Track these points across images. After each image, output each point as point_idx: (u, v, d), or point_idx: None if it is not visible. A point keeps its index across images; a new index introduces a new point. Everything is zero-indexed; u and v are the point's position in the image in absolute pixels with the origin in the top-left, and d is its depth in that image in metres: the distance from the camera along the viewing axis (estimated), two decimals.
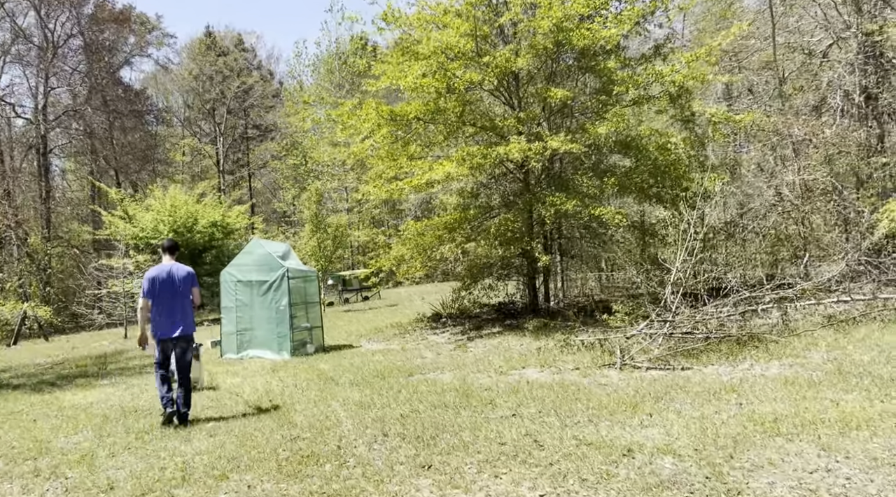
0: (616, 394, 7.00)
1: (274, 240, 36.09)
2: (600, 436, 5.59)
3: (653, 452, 5.00)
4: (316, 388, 9.20)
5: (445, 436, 6.20)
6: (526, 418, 6.43)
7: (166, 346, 7.80)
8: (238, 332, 13.41)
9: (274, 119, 52.85)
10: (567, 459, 5.10)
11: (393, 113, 13.32)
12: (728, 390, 6.62)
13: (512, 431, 6.04)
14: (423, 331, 14.65)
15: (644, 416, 6.04)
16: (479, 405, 7.20)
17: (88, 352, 17.49)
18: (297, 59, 56.51)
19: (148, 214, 24.60)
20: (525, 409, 6.81)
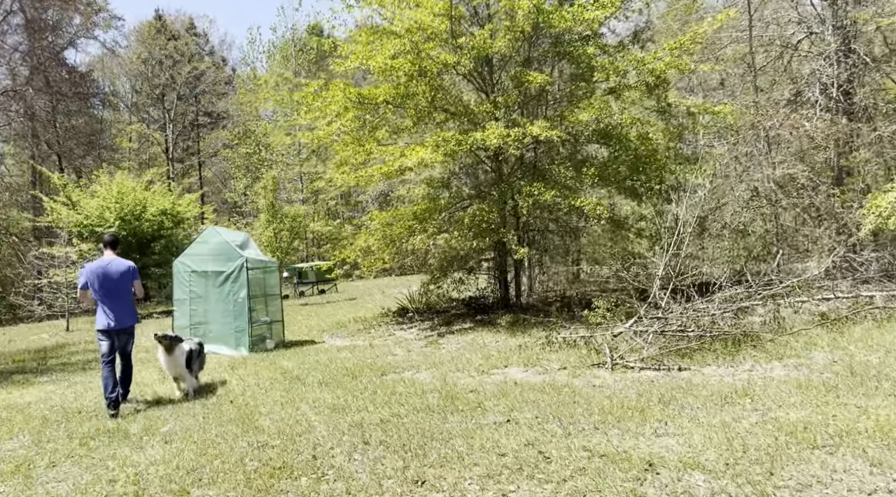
0: (616, 397, 6.48)
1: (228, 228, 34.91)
2: (612, 446, 5.05)
3: (679, 467, 4.48)
4: (281, 389, 8.47)
5: (435, 444, 5.59)
6: (523, 425, 5.86)
7: (111, 336, 8.01)
8: (192, 325, 12.51)
9: (226, 106, 51.23)
10: (582, 475, 4.53)
11: (361, 96, 12.60)
12: (740, 394, 6.17)
13: (510, 440, 5.46)
14: (389, 326, 13.98)
15: (656, 423, 5.53)
16: (466, 409, 6.60)
17: (26, 345, 16.27)
18: (250, 45, 54.95)
19: (93, 201, 23.22)
20: (519, 414, 6.24)
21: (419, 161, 10.77)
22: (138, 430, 7.09)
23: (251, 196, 41.98)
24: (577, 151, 12.88)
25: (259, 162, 44.88)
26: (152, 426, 7.21)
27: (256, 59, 48.26)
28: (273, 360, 10.89)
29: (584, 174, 11.52)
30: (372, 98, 12.72)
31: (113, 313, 7.95)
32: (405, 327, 13.58)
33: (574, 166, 12.24)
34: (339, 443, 5.97)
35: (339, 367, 9.63)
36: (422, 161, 10.77)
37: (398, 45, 11.49)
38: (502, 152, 12.45)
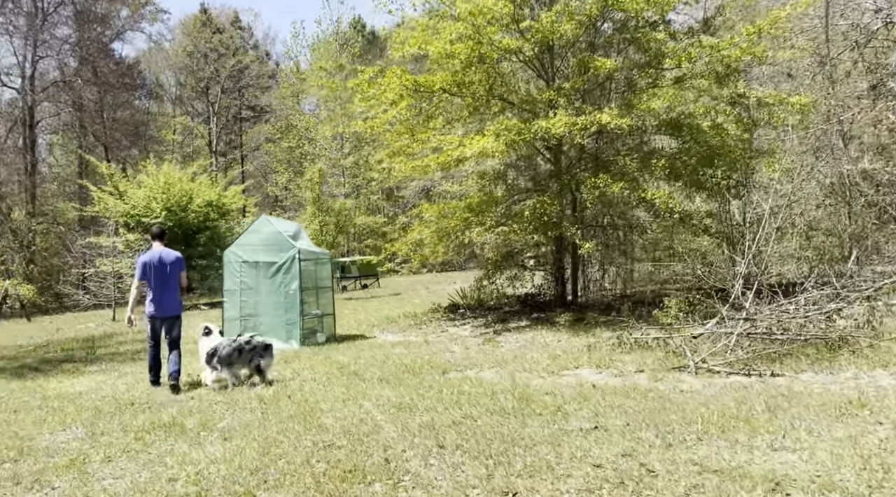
0: (713, 404, 5.93)
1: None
2: (724, 461, 4.51)
3: (812, 489, 3.93)
4: (340, 384, 8.08)
5: (517, 451, 5.11)
6: (614, 432, 5.35)
7: (157, 323, 8.74)
8: (242, 317, 12.22)
9: (269, 100, 51.42)
10: (699, 493, 4.01)
11: (417, 83, 12.15)
12: (855, 405, 5.57)
13: (603, 449, 4.95)
14: (441, 322, 13.54)
15: (768, 435, 4.97)
16: (545, 413, 6.11)
17: (74, 334, 16.25)
18: (294, 39, 54.88)
19: (140, 191, 23.25)
20: (606, 420, 5.73)
21: (480, 150, 10.29)
22: (194, 425, 6.75)
23: (293, 190, 41.95)
24: (644, 142, 12.26)
25: (301, 156, 44.88)
26: (209, 421, 6.87)
27: (300, 52, 48.03)
28: (327, 354, 10.53)
29: (654, 166, 10.92)
30: (428, 86, 12.26)
31: (161, 301, 8.69)
32: (458, 324, 13.12)
33: (641, 158, 11.63)
34: (411, 445, 5.53)
35: (396, 364, 9.22)
36: (483, 150, 10.29)
37: (459, 28, 11.01)
38: (564, 142, 11.91)
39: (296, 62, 48.50)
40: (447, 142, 11.12)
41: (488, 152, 10.37)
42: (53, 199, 34.41)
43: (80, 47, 33.99)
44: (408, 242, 13.23)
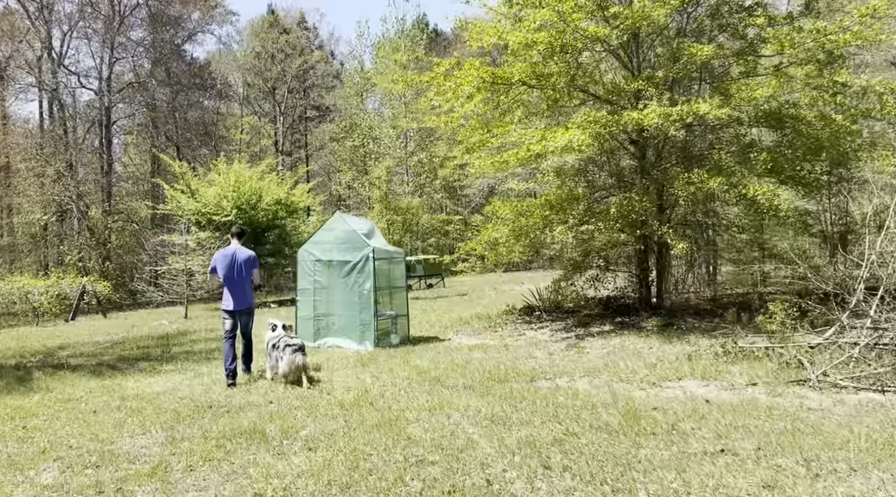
0: (856, 427, 5.24)
1: None
2: None
3: None
4: (423, 391, 7.65)
5: (636, 476, 4.55)
6: (745, 458, 4.73)
7: (233, 317, 9.12)
8: (315, 317, 11.98)
9: (333, 100, 51.79)
10: None
11: (495, 75, 11.65)
12: None
13: (738, 479, 4.35)
14: (517, 325, 13.01)
15: None
16: (658, 432, 5.52)
17: (149, 331, 16.38)
18: (359, 39, 55.14)
19: (211, 189, 23.47)
20: (733, 442, 5.11)
21: (566, 144, 9.70)
22: (276, 432, 6.42)
23: (357, 188, 42.08)
24: (741, 134, 11.41)
25: (365, 155, 44.98)
26: (290, 428, 6.54)
27: (364, 52, 48.26)
28: (403, 357, 10.13)
29: (754, 160, 10.11)
30: (506, 78, 11.75)
31: (235, 296, 9.12)
32: (535, 327, 12.57)
33: (739, 151, 10.82)
34: (512, 464, 5.05)
35: (478, 370, 8.74)
36: (568, 144, 9.70)
37: (544, 15, 10.44)
38: (651, 135, 11.20)
39: (360, 61, 48.70)
40: (528, 136, 10.58)
41: (573, 146, 9.77)
42: (128, 198, 35.35)
43: (153, 49, 34.82)
44: (482, 241, 12.74)
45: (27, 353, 13.54)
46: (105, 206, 33.48)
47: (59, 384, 9.89)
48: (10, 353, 13.88)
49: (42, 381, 10.19)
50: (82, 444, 6.49)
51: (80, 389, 9.40)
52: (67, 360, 12.42)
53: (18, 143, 32.58)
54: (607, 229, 10.58)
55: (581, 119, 9.96)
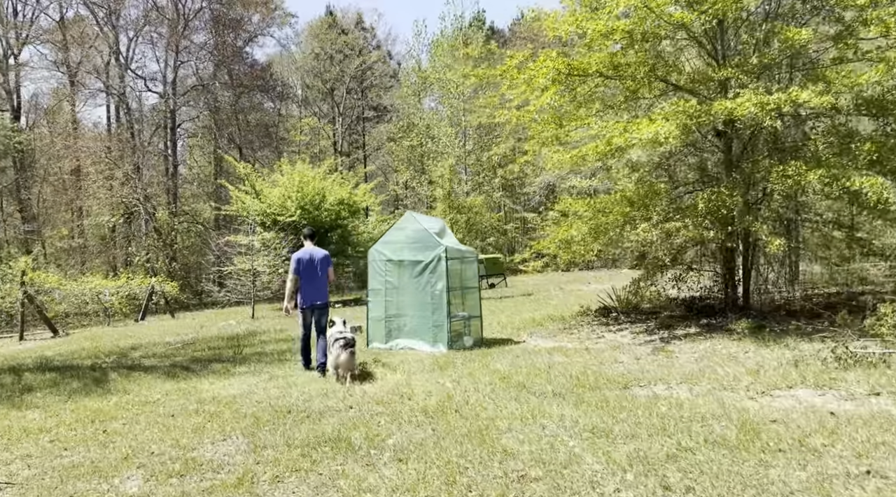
0: None
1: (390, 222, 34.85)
2: None
3: None
4: (509, 398, 7.25)
5: None
6: None
7: (309, 312, 9.86)
8: (387, 318, 11.72)
9: (391, 100, 51.86)
10: None
11: (571, 66, 11.16)
12: None
13: None
14: (594, 327, 12.49)
15: None
16: (785, 448, 5.00)
17: (218, 331, 16.44)
18: (416, 38, 55.02)
19: (275, 190, 23.58)
20: (878, 462, 4.56)
21: (652, 136, 9.16)
22: (361, 440, 6.14)
23: (415, 188, 41.97)
24: (838, 124, 10.63)
25: (422, 155, 44.84)
26: (376, 436, 6.24)
27: (421, 51, 48.13)
28: (481, 360, 9.76)
29: (857, 151, 9.38)
30: (583, 69, 11.26)
31: (311, 293, 9.81)
32: (613, 329, 12.03)
33: (837, 142, 10.07)
34: (625, 483, 4.62)
35: (563, 375, 8.30)
36: (655, 136, 9.16)
37: (628, 1, 9.90)
38: (746, 126, 10.52)
39: (417, 61, 48.59)
40: (608, 129, 10.05)
41: (660, 138, 9.22)
42: (193, 200, 36.04)
43: (216, 52, 35.39)
44: (556, 240, 12.26)
45: (101, 354, 13.69)
46: (171, 207, 34.18)
47: (135, 386, 9.87)
48: (84, 353, 14.07)
49: (118, 383, 10.20)
50: (164, 450, 6.34)
51: (156, 391, 9.34)
52: (141, 360, 12.49)
53: (88, 147, 33.54)
54: (696, 226, 9.97)
55: (670, 109, 9.39)
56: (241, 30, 38.65)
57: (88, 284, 22.64)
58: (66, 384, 10.40)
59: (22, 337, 18.57)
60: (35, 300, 19.14)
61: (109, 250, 34.34)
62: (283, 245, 21.19)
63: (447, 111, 38.81)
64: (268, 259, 21.38)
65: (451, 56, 38.57)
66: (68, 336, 19.01)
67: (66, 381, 10.67)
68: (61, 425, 7.54)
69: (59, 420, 7.83)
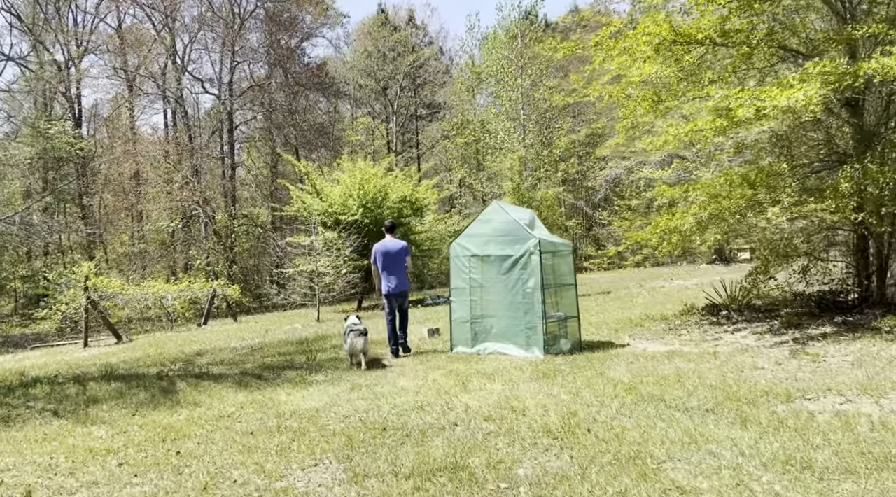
0: None
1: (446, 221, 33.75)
2: None
3: None
4: (650, 415, 6.04)
5: None
6: None
7: (391, 299, 10.64)
8: (472, 319, 10.60)
9: (444, 97, 50.87)
10: None
11: (677, 33, 9.85)
12: None
13: None
14: (704, 327, 11.13)
15: None
16: None
17: (284, 336, 15.58)
18: (469, 33, 53.85)
19: (336, 189, 22.72)
20: None
21: (792, 102, 7.81)
22: (483, 469, 5.04)
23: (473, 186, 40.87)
24: None
25: (477, 151, 43.68)
26: (499, 463, 5.14)
27: (475, 46, 46.90)
28: (591, 367, 8.55)
29: None
30: (689, 36, 9.94)
31: (392, 281, 10.66)
32: (728, 329, 10.66)
33: None
34: None
35: (700, 385, 7.04)
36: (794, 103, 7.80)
37: None
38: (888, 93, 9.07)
39: (471, 56, 47.47)
40: (734, 96, 8.70)
41: (798, 105, 7.87)
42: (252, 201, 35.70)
43: (272, 51, 34.94)
44: (657, 229, 10.95)
45: (167, 361, 12.96)
46: (231, 209, 33.83)
47: (206, 397, 8.98)
48: (149, 360, 13.37)
49: (187, 394, 9.35)
50: (248, 478, 5.35)
51: (230, 404, 8.43)
52: (209, 368, 11.66)
53: (147, 151, 33.48)
54: (842, 208, 8.55)
55: (816, 69, 7.99)
56: (295, 30, 38.17)
57: (151, 289, 22.18)
58: (132, 395, 9.61)
59: (86, 343, 18.12)
60: (98, 306, 18.67)
61: (170, 254, 34.22)
62: (347, 245, 20.28)
63: (505, 104, 37.54)
64: (330, 259, 20.52)
65: (509, 48, 37.32)
66: (132, 342, 18.49)
67: (132, 392, 9.90)
68: (130, 445, 6.64)
69: (127, 438, 6.95)
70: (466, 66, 47.12)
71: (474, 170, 44.25)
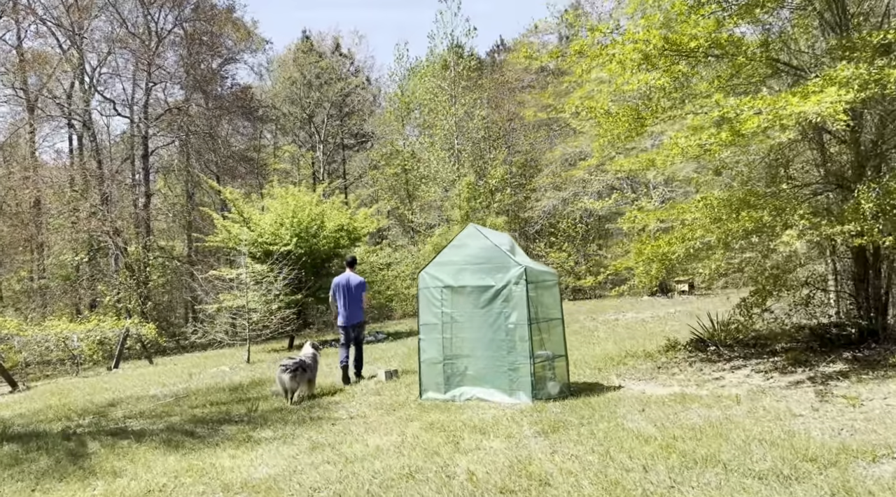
0: None
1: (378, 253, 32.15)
2: None
3: None
4: (717, 486, 4.81)
5: None
6: None
7: (347, 330, 11.34)
8: (445, 360, 9.20)
9: (372, 127, 49.68)
10: None
11: (668, 41, 8.95)
12: None
13: None
14: (696, 364, 10.11)
15: None
16: None
17: (212, 381, 13.64)
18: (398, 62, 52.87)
19: (266, 217, 20.87)
20: None
21: (817, 110, 6.93)
22: None
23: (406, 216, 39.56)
24: None
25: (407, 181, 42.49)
26: None
27: (404, 75, 45.96)
28: (600, 416, 7.29)
29: None
30: (679, 45, 9.07)
31: (349, 313, 11.27)
32: (725, 367, 9.68)
33: None
34: None
35: (749, 440, 5.88)
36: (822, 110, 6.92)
37: None
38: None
39: (400, 86, 46.52)
40: (745, 106, 7.78)
41: (826, 113, 7.01)
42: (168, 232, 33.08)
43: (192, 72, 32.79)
44: (644, 258, 9.92)
45: (74, 414, 10.93)
46: (145, 240, 31.09)
47: (128, 463, 7.20)
48: (52, 413, 11.27)
49: (102, 458, 7.52)
50: None
51: (159, 472, 6.70)
52: (126, 422, 9.75)
53: (50, 177, 30.50)
54: (867, 231, 7.69)
55: (844, 74, 7.14)
56: (217, 51, 36.10)
57: (53, 329, 19.56)
58: (31, 461, 7.71)
59: None
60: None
61: (75, 290, 31.05)
62: (280, 278, 18.45)
63: (438, 134, 36.55)
64: (259, 293, 18.65)
65: (441, 77, 36.52)
66: (30, 390, 16.06)
67: (31, 457, 7.97)
68: None
69: None
70: (395, 96, 46.14)
71: (405, 200, 42.99)
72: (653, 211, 11.65)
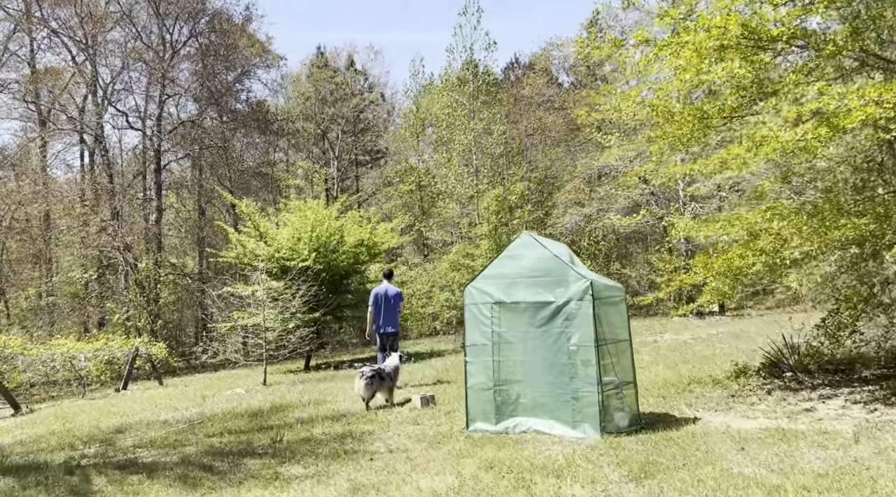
0: None
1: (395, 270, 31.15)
2: None
3: None
4: None
5: None
6: None
7: (383, 337, 12.19)
8: (495, 386, 8.11)
9: (387, 143, 48.97)
10: None
11: (747, 28, 7.97)
12: None
13: None
14: (774, 392, 8.97)
15: None
16: None
17: (228, 405, 12.52)
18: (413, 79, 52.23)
19: (283, 231, 19.87)
20: None
21: None
22: None
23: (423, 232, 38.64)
24: None
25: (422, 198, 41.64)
26: None
27: (420, 92, 45.28)
28: (695, 457, 6.15)
29: None
30: (760, 33, 8.07)
31: (385, 321, 12.16)
32: (811, 396, 8.53)
33: None
34: None
35: None
36: None
37: None
38: None
39: (416, 102, 45.80)
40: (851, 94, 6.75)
41: None
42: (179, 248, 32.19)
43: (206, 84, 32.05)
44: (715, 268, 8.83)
45: (78, 441, 9.88)
46: (157, 257, 30.12)
47: None
48: (55, 440, 10.21)
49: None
50: None
51: None
52: (136, 453, 8.69)
53: (61, 191, 29.70)
54: None
55: None
56: (232, 63, 35.41)
57: (59, 348, 18.54)
58: None
59: None
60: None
61: (83, 308, 30.07)
62: (298, 295, 17.39)
63: (456, 149, 35.65)
64: (276, 312, 17.60)
65: (459, 91, 35.66)
66: (33, 413, 15.04)
67: (27, 495, 6.93)
68: None
69: None
70: (410, 113, 45.38)
71: (420, 217, 42.05)
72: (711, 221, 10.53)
